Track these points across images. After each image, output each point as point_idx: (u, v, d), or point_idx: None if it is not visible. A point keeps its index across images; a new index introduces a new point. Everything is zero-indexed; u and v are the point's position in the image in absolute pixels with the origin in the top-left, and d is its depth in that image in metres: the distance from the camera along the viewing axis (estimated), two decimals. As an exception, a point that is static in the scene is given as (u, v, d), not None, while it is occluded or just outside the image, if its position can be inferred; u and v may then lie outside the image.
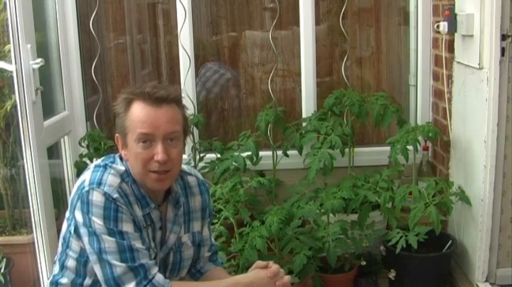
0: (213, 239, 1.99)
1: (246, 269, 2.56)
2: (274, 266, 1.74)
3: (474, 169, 2.64)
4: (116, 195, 1.60)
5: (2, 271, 2.69)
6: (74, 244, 1.67)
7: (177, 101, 1.67)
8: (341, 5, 3.11)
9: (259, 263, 1.79)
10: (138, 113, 1.61)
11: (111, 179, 1.62)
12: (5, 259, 2.73)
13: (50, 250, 2.47)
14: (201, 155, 3.11)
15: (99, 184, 1.60)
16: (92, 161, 2.92)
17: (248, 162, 2.93)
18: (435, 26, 2.92)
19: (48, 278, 2.43)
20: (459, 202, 2.72)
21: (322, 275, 2.73)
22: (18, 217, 2.92)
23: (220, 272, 1.95)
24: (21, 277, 2.75)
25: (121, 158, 1.71)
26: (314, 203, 2.69)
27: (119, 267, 1.58)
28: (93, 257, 1.61)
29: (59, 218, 2.81)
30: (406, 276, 2.71)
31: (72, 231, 1.66)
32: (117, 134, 1.69)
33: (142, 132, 1.60)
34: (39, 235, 2.45)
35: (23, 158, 2.44)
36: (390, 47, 3.33)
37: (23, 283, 2.76)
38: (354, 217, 2.77)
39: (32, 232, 2.50)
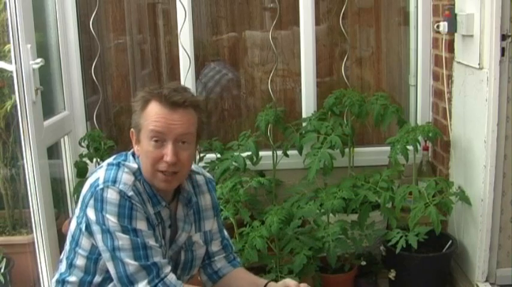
0: (225, 233, 1.96)
1: (246, 269, 2.57)
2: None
3: (474, 169, 2.64)
4: (130, 193, 1.61)
5: (2, 271, 2.69)
6: (85, 242, 1.67)
7: (194, 105, 1.67)
8: (341, 5, 3.10)
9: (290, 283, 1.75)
10: (153, 113, 1.63)
11: (125, 177, 1.63)
12: (5, 259, 2.73)
13: (50, 250, 2.47)
14: (201, 155, 3.11)
15: (114, 181, 1.61)
16: (92, 161, 2.92)
17: (248, 162, 2.93)
18: (435, 26, 2.92)
19: (48, 279, 2.43)
20: (459, 202, 2.72)
21: (322, 275, 2.73)
22: (18, 217, 2.92)
23: (243, 273, 1.91)
24: (21, 277, 2.75)
25: (133, 156, 1.72)
26: (314, 203, 2.69)
27: (132, 265, 1.59)
28: (106, 255, 1.62)
29: (59, 218, 2.82)
30: (406, 276, 2.71)
31: (84, 228, 1.66)
32: (132, 129, 1.71)
33: (154, 130, 1.62)
34: (39, 235, 2.45)
35: (23, 158, 2.44)
36: (390, 47, 3.33)
37: (23, 283, 2.76)
38: (354, 217, 2.77)
39: (32, 232, 2.50)
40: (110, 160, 1.72)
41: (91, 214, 1.62)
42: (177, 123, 1.62)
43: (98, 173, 1.66)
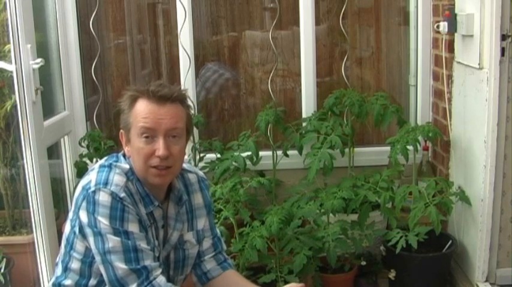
0: (218, 232, 1.95)
1: (246, 269, 2.57)
2: None
3: (474, 169, 2.64)
4: (122, 194, 1.61)
5: (2, 271, 2.69)
6: (79, 245, 1.67)
7: (181, 99, 1.69)
8: (341, 5, 3.11)
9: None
10: (142, 109, 1.63)
11: (117, 179, 1.63)
12: (5, 259, 2.73)
13: (50, 250, 2.47)
14: (201, 155, 3.11)
15: (106, 183, 1.61)
16: (92, 161, 2.92)
17: (248, 162, 2.93)
18: (435, 26, 2.92)
19: (48, 279, 2.43)
20: (459, 202, 2.72)
21: (322, 275, 2.73)
22: (18, 217, 2.92)
23: (235, 277, 1.90)
24: (21, 277, 2.75)
25: (124, 156, 1.72)
26: (314, 203, 2.69)
27: (121, 269, 1.59)
28: (98, 258, 1.62)
29: (59, 218, 2.82)
30: (406, 276, 2.71)
31: (77, 232, 1.65)
32: (121, 130, 1.71)
33: (144, 126, 1.62)
34: (39, 235, 2.45)
35: (23, 158, 2.44)
36: (390, 47, 3.33)
37: (23, 283, 2.76)
38: (354, 217, 2.77)
39: (32, 232, 2.50)
40: (102, 161, 1.72)
41: (83, 216, 1.62)
42: (165, 118, 1.63)
43: (90, 175, 1.66)
